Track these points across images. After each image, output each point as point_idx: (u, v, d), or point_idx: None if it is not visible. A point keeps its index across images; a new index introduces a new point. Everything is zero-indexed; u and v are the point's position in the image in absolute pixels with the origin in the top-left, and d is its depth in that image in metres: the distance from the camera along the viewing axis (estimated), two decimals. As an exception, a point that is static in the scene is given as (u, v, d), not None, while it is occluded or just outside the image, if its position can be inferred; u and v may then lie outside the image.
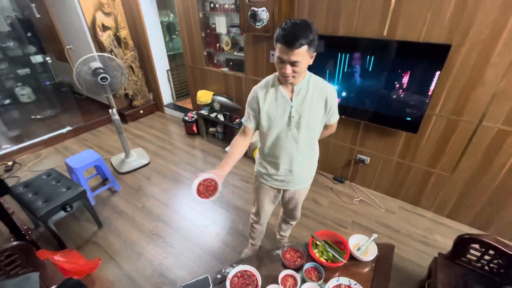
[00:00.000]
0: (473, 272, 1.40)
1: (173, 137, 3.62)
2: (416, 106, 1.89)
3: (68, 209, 1.88)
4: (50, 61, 4.01)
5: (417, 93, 1.85)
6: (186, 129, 3.63)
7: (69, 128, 3.57)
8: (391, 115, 2.04)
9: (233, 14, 2.73)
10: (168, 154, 3.20)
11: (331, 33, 2.08)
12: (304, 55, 1.00)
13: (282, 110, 1.18)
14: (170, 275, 1.82)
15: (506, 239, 1.96)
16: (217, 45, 3.06)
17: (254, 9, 2.24)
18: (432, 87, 1.77)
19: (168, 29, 4.17)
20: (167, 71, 4.13)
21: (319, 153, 1.42)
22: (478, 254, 1.38)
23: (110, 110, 2.66)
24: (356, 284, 1.14)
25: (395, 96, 1.95)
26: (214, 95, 3.20)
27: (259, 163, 1.42)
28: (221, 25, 2.84)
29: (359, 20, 1.93)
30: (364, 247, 1.30)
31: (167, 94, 4.26)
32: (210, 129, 3.52)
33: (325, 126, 1.31)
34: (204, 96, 3.21)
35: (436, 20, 1.67)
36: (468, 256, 1.42)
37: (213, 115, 3.24)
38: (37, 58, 4.07)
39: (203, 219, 2.27)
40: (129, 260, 1.92)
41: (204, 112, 3.32)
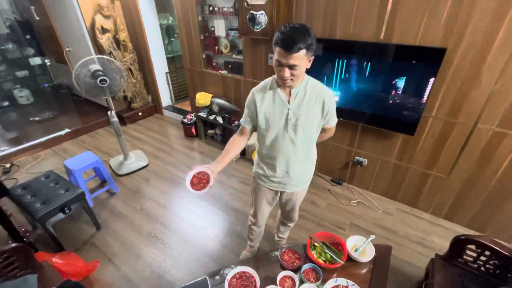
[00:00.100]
0: (469, 273, 1.41)
1: (171, 139, 3.62)
2: (412, 109, 1.91)
3: (67, 211, 1.88)
4: (49, 63, 4.01)
5: (413, 95, 1.87)
6: (184, 131, 3.64)
7: (67, 130, 3.56)
8: (388, 117, 2.06)
9: (232, 17, 2.75)
10: (166, 156, 3.20)
11: (329, 37, 2.10)
12: (302, 59, 1.01)
13: (280, 112, 1.19)
14: (169, 277, 1.82)
15: (502, 240, 1.97)
16: (216, 48, 3.08)
17: (252, 12, 2.26)
18: (428, 90, 1.79)
19: (167, 31, 4.19)
20: (166, 73, 4.15)
21: (317, 156, 1.44)
22: (475, 255, 1.39)
23: (109, 112, 2.67)
24: (354, 285, 1.15)
25: (391, 98, 1.98)
26: (213, 97, 3.21)
27: (257, 164, 1.43)
28: (220, 28, 2.86)
29: (356, 24, 1.96)
30: (362, 248, 1.31)
31: (166, 97, 4.28)
32: (209, 131, 3.54)
33: (324, 130, 1.32)
34: (203, 98, 3.23)
35: (431, 24, 1.69)
36: (465, 257, 1.43)
37: (212, 117, 3.25)
38: (35, 60, 4.07)
39: (202, 221, 2.27)
40: (128, 262, 1.91)
41: (202, 114, 3.33)
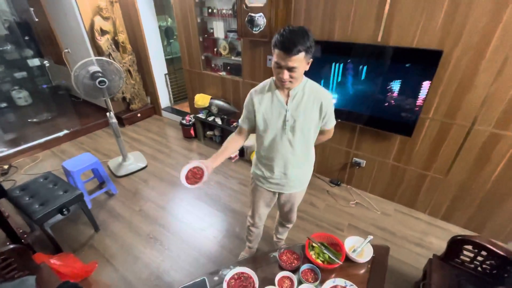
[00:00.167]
0: (466, 273, 1.42)
1: (170, 140, 3.62)
2: (410, 110, 1.93)
3: (65, 212, 1.88)
4: (48, 65, 4.01)
5: (410, 97, 1.89)
6: (183, 132, 3.64)
7: (66, 131, 3.56)
8: (386, 118, 2.07)
9: (231, 19, 2.77)
10: (165, 158, 3.21)
11: (327, 39, 2.12)
12: (301, 61, 1.02)
13: (278, 114, 1.20)
14: (167, 278, 1.81)
15: (499, 241, 1.98)
16: (215, 49, 3.09)
17: (251, 14, 2.28)
18: (425, 92, 1.81)
19: (166, 33, 4.20)
20: (165, 75, 4.16)
21: (315, 157, 1.44)
22: (471, 255, 1.40)
23: (108, 114, 2.67)
24: (352, 285, 1.15)
25: (389, 100, 1.99)
26: (211, 98, 3.22)
27: (255, 165, 1.43)
28: (219, 30, 2.88)
29: (354, 26, 1.97)
30: (360, 248, 1.32)
31: (164, 98, 4.28)
32: (208, 133, 3.54)
33: (322, 132, 1.33)
34: (201, 99, 3.24)
35: (428, 27, 1.71)
36: (462, 257, 1.44)
37: (211, 118, 3.26)
38: (34, 62, 4.06)
39: (200, 222, 2.27)
40: (126, 264, 1.91)
41: (201, 115, 3.34)
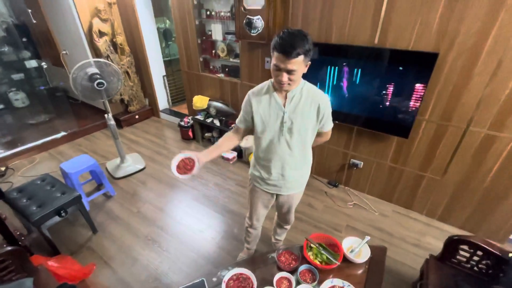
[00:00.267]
0: (463, 272, 1.43)
1: (168, 142, 3.62)
2: (406, 112, 1.95)
3: (63, 214, 1.87)
4: (45, 66, 4.00)
5: (407, 99, 1.91)
6: (181, 134, 3.64)
7: (63, 133, 3.55)
8: (383, 120, 2.09)
9: (229, 21, 2.78)
10: (163, 159, 3.20)
11: (324, 41, 2.14)
12: (300, 64, 1.04)
13: (275, 115, 1.21)
14: (166, 280, 1.81)
15: (495, 241, 2.00)
16: (213, 51, 3.11)
17: (249, 17, 2.29)
18: (421, 94, 1.83)
19: (165, 35, 4.21)
20: (163, 76, 4.16)
21: (313, 159, 1.45)
22: (467, 255, 1.42)
23: (106, 115, 2.67)
24: (349, 285, 1.16)
25: (386, 102, 2.01)
26: (210, 100, 3.23)
27: (253, 167, 1.44)
28: (217, 32, 2.89)
29: (351, 29, 2.00)
30: (357, 249, 1.33)
31: (163, 100, 4.28)
32: (206, 134, 3.55)
33: (319, 134, 1.34)
34: (200, 101, 3.24)
35: (424, 30, 1.73)
36: (458, 257, 1.45)
37: (209, 120, 3.27)
38: (31, 63, 4.06)
39: (199, 223, 2.27)
40: (124, 266, 1.91)
41: (200, 117, 3.35)
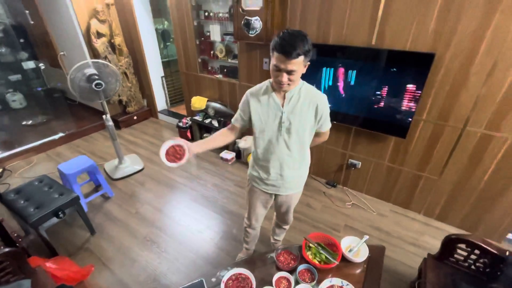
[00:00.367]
0: (461, 271, 1.44)
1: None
2: (404, 112, 1.96)
3: (61, 216, 1.87)
4: (43, 67, 3.99)
5: (404, 99, 1.92)
6: (180, 135, 3.64)
7: (61, 134, 3.53)
8: (381, 120, 2.10)
9: (227, 22, 2.79)
10: (162, 160, 3.19)
11: (322, 42, 2.15)
12: (300, 64, 1.05)
13: (274, 116, 1.22)
14: (164, 280, 1.81)
15: (493, 240, 2.02)
16: (212, 52, 3.11)
17: (247, 18, 2.30)
18: (418, 94, 1.85)
19: (163, 36, 4.21)
20: (162, 77, 4.16)
21: (311, 159, 1.46)
22: (465, 254, 1.43)
23: (104, 116, 2.66)
24: (348, 284, 1.16)
25: (383, 102, 2.02)
26: (208, 101, 3.23)
27: (252, 167, 1.45)
28: (215, 33, 2.90)
29: (348, 29, 2.01)
30: (356, 248, 1.33)
31: (161, 100, 4.28)
32: (204, 135, 3.54)
33: (317, 134, 1.35)
34: (198, 102, 3.24)
35: (420, 30, 1.75)
36: (456, 256, 1.46)
37: (208, 121, 3.27)
38: (29, 64, 4.04)
39: (197, 224, 2.27)
40: (123, 267, 1.90)
41: (198, 118, 3.35)
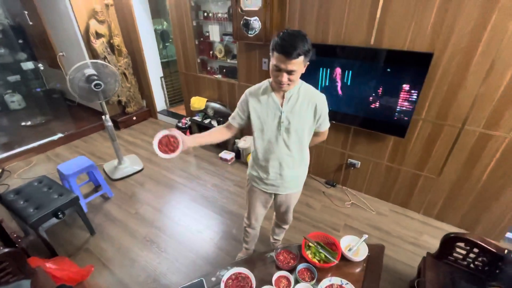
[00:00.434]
0: (460, 270, 1.45)
1: (166, 143, 3.61)
2: (402, 112, 1.97)
3: (60, 216, 1.86)
4: (42, 68, 3.98)
5: (403, 98, 1.92)
6: (179, 135, 3.64)
7: (60, 135, 3.53)
8: (379, 120, 2.11)
9: (226, 23, 2.79)
10: (161, 161, 3.20)
11: (321, 42, 2.15)
12: (300, 64, 1.05)
13: (273, 115, 1.23)
14: (164, 281, 1.81)
15: (492, 239, 2.02)
16: (211, 52, 3.12)
17: (246, 18, 2.31)
18: (417, 93, 1.85)
19: (162, 36, 4.21)
20: (161, 78, 4.16)
21: (310, 158, 1.46)
22: (464, 252, 1.43)
23: (103, 117, 2.66)
24: (347, 283, 1.17)
25: (382, 101, 2.03)
26: (207, 101, 3.24)
27: (251, 167, 1.45)
28: (214, 33, 2.90)
29: (347, 29, 2.01)
30: (355, 247, 1.34)
31: (160, 101, 4.28)
32: (204, 135, 3.54)
33: (316, 133, 1.35)
34: (197, 102, 3.25)
35: (419, 30, 1.76)
36: (455, 254, 1.47)
37: (207, 121, 3.27)
38: (28, 65, 4.04)
39: (197, 224, 2.27)
40: (122, 267, 1.90)
41: (197, 118, 3.35)
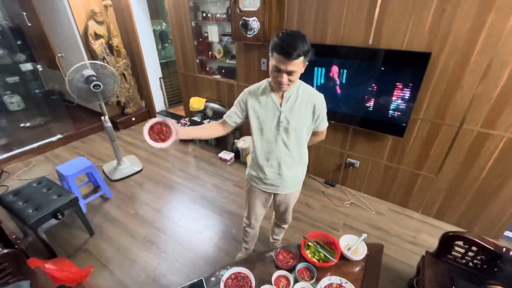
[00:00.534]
0: (458, 268, 1.45)
1: (165, 144, 3.61)
2: (401, 111, 1.98)
3: (59, 217, 1.86)
4: (41, 69, 3.98)
5: (401, 98, 1.93)
6: (179, 136, 3.64)
7: (59, 136, 3.52)
8: (378, 120, 2.11)
9: (225, 23, 2.80)
10: (161, 161, 3.20)
11: (320, 42, 2.16)
12: (300, 65, 1.06)
13: (272, 115, 1.23)
14: (164, 281, 1.81)
15: (490, 237, 2.03)
16: (210, 53, 3.12)
17: (245, 18, 2.31)
18: (415, 93, 1.86)
19: (161, 37, 4.21)
20: (160, 78, 4.16)
21: (309, 158, 1.47)
22: (462, 251, 1.44)
23: (102, 118, 2.66)
24: (347, 282, 1.17)
25: (381, 101, 2.04)
26: (206, 102, 3.24)
27: (250, 166, 1.45)
28: (213, 33, 2.91)
29: (345, 30, 2.02)
30: (355, 247, 1.34)
31: (159, 101, 4.28)
32: (203, 136, 3.55)
33: (315, 133, 1.36)
34: (197, 103, 3.25)
35: (417, 30, 1.77)
36: (454, 253, 1.48)
37: (206, 121, 3.27)
38: (27, 66, 4.02)
39: (197, 224, 2.27)
40: (122, 268, 1.90)
41: (197, 118, 3.35)
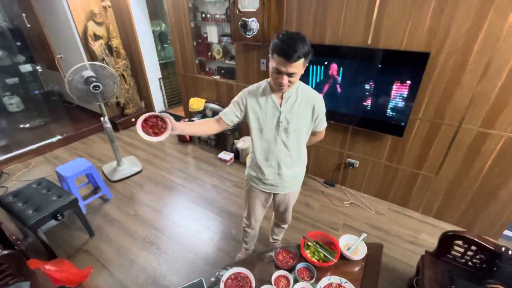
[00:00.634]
0: (458, 268, 1.46)
1: (165, 144, 3.62)
2: (400, 111, 1.98)
3: (59, 218, 1.86)
4: (40, 70, 3.98)
5: (400, 98, 1.94)
6: (178, 136, 3.64)
7: (59, 137, 3.52)
8: (378, 119, 2.12)
9: (224, 24, 2.80)
10: (160, 162, 3.20)
11: (319, 42, 2.16)
12: (300, 66, 1.06)
13: (272, 115, 1.23)
14: (164, 281, 1.81)
15: (490, 237, 2.03)
16: (209, 53, 3.12)
17: (244, 19, 2.32)
18: (414, 93, 1.86)
19: (160, 38, 4.22)
20: (159, 79, 4.16)
21: (309, 158, 1.47)
22: (462, 250, 1.44)
23: (102, 119, 2.66)
24: (346, 282, 1.17)
25: (380, 101, 2.04)
26: (206, 102, 3.24)
27: (249, 167, 1.45)
28: (212, 34, 2.91)
29: (344, 30, 2.03)
30: (354, 246, 1.34)
31: (159, 102, 4.28)
32: (203, 136, 3.55)
33: (314, 133, 1.37)
34: (196, 103, 3.25)
35: (415, 30, 1.77)
36: (453, 252, 1.48)
37: (206, 122, 3.28)
38: (26, 67, 4.02)
39: (196, 225, 2.27)
40: (122, 268, 1.90)
41: (196, 119, 3.35)
